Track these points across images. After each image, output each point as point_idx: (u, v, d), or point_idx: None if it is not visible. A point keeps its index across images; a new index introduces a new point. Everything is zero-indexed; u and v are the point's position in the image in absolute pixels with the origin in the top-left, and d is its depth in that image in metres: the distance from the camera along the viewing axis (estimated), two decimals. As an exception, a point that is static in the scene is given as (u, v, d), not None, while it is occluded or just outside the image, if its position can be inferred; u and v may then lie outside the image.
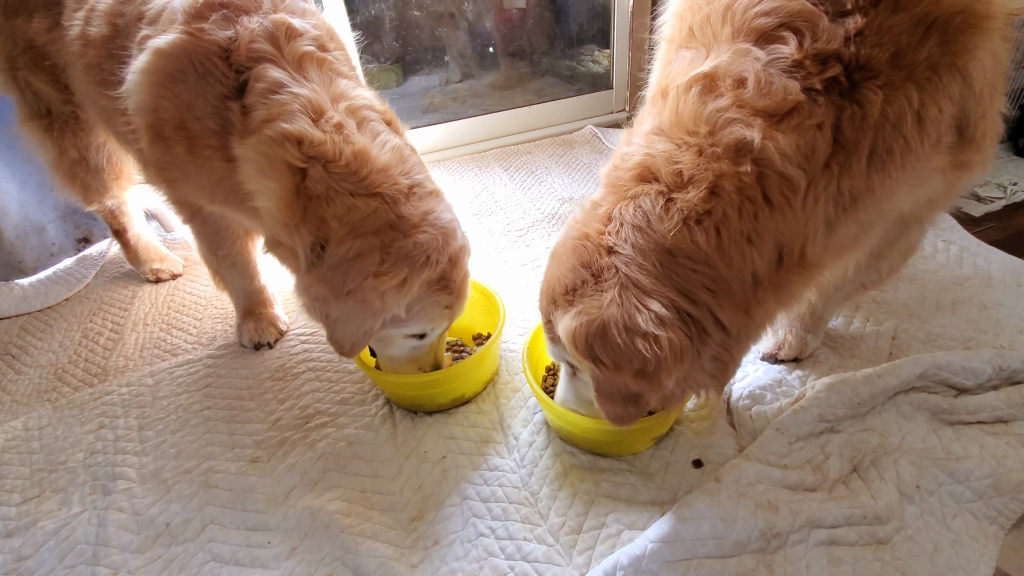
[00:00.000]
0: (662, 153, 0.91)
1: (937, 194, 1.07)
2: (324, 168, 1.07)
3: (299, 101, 1.11)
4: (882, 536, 1.05)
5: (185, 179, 1.29)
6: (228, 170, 1.18)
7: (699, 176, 0.87)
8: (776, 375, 1.40)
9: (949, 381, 1.28)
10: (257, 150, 1.10)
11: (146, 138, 1.23)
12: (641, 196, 0.91)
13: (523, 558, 1.10)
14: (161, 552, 1.18)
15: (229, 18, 1.16)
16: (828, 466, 1.17)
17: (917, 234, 1.24)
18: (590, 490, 1.20)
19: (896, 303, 1.59)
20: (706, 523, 1.05)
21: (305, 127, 1.08)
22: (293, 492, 1.26)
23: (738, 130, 0.85)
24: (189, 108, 1.16)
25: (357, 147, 1.09)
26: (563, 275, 0.97)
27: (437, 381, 1.34)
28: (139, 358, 1.70)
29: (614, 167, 0.99)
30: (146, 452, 1.39)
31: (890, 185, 0.91)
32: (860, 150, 0.87)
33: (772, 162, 0.86)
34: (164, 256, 2.06)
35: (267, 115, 1.10)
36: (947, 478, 1.12)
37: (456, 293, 1.22)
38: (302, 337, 1.70)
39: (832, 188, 0.89)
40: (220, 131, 1.16)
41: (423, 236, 1.09)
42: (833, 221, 0.91)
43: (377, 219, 1.07)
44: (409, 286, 1.10)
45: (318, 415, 1.44)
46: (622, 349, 0.88)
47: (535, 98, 2.89)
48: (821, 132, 0.86)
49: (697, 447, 1.25)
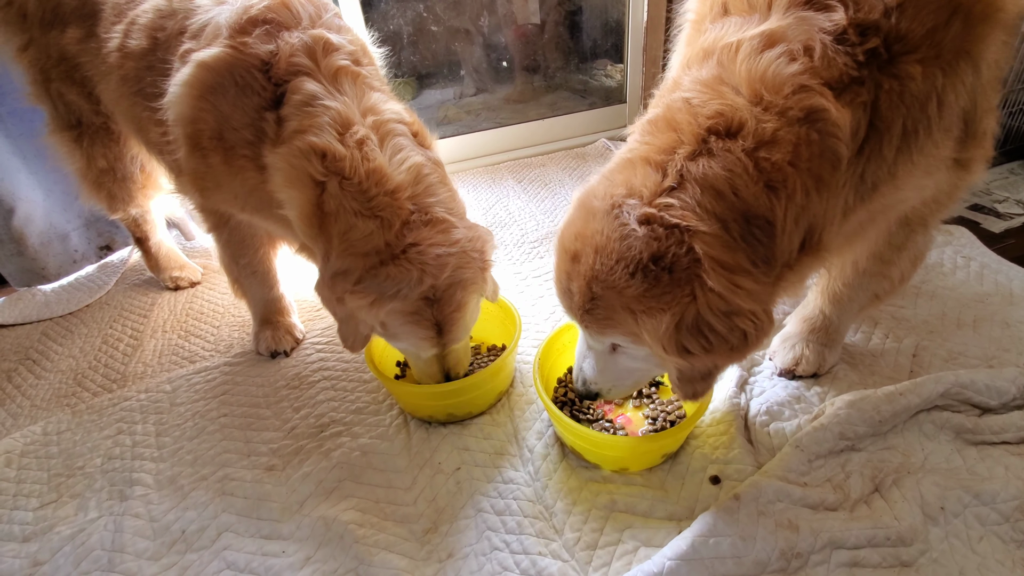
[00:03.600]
0: (746, 106, 0.82)
1: (940, 192, 1.07)
2: (339, 185, 1.10)
3: (329, 114, 1.13)
4: (906, 559, 1.03)
5: (218, 188, 1.31)
6: (260, 180, 1.21)
7: (783, 139, 0.80)
8: (794, 391, 1.38)
9: (973, 400, 1.25)
10: (286, 160, 1.13)
11: (184, 148, 1.26)
12: (721, 152, 0.81)
13: (538, 573, 1.08)
14: (176, 559, 1.18)
15: (271, 33, 1.18)
16: (849, 485, 1.14)
17: (924, 239, 1.22)
18: (606, 505, 1.18)
19: (916, 319, 1.56)
20: (725, 541, 1.02)
21: (330, 141, 1.11)
22: (308, 501, 1.26)
23: (813, 98, 0.80)
24: (227, 119, 1.19)
25: (373, 165, 1.11)
26: (615, 264, 0.84)
27: (449, 392, 1.33)
28: (158, 364, 1.71)
29: (671, 109, 0.88)
30: (163, 458, 1.40)
31: (908, 171, 0.89)
32: (893, 131, 0.84)
33: (833, 136, 0.82)
34: (184, 264, 2.08)
35: (298, 126, 1.13)
36: (972, 499, 1.09)
37: (439, 328, 1.18)
38: (318, 346, 1.70)
39: (857, 174, 0.86)
40: (255, 141, 1.18)
41: (397, 269, 1.09)
42: (849, 208, 0.89)
43: (368, 242, 1.10)
44: (377, 309, 1.12)
45: (333, 424, 1.43)
46: (721, 335, 0.83)
47: (549, 112, 2.91)
48: (864, 112, 0.84)
49: (715, 463, 1.23)
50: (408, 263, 1.10)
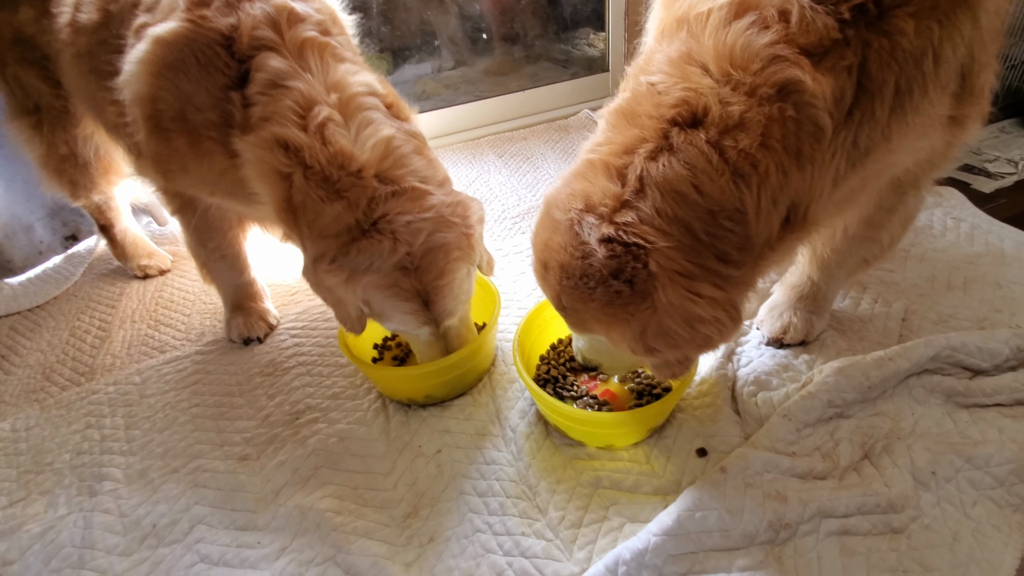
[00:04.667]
0: (710, 89, 0.78)
1: (935, 152, 1.02)
2: (304, 176, 1.07)
3: (292, 97, 1.08)
4: (897, 525, 1.00)
5: (184, 172, 1.25)
6: (230, 164, 1.16)
7: (751, 121, 0.77)
8: (782, 360, 1.34)
9: (964, 363, 1.22)
10: (254, 153, 1.09)
11: (144, 130, 1.19)
12: (683, 146, 0.78)
13: (521, 554, 1.05)
14: (148, 554, 1.14)
15: (231, 4, 1.12)
16: (838, 453, 1.11)
17: (915, 200, 1.18)
18: (590, 482, 1.15)
19: (905, 283, 1.53)
20: (712, 515, 1.00)
21: (291, 131, 1.07)
22: (283, 490, 1.22)
23: (787, 69, 0.76)
24: (189, 99, 1.13)
25: (334, 149, 1.06)
26: (579, 281, 0.85)
27: (427, 374, 1.28)
28: (126, 356, 1.66)
29: (636, 98, 0.85)
30: (133, 452, 1.35)
31: (904, 132, 0.84)
32: (885, 91, 0.79)
33: (812, 107, 0.77)
34: (152, 252, 2.01)
35: (263, 113, 1.09)
36: (965, 464, 1.07)
37: (425, 300, 1.13)
38: (292, 331, 1.65)
39: (849, 141, 0.81)
40: (221, 123, 1.13)
41: (368, 242, 1.06)
42: (841, 177, 0.84)
43: (338, 223, 1.07)
44: (354, 285, 1.09)
45: (309, 410, 1.39)
46: (685, 338, 0.84)
47: (529, 83, 2.82)
48: (850, 76, 0.79)
49: (700, 435, 1.20)
50: (379, 234, 1.06)
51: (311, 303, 1.74)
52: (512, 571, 1.03)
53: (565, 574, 1.01)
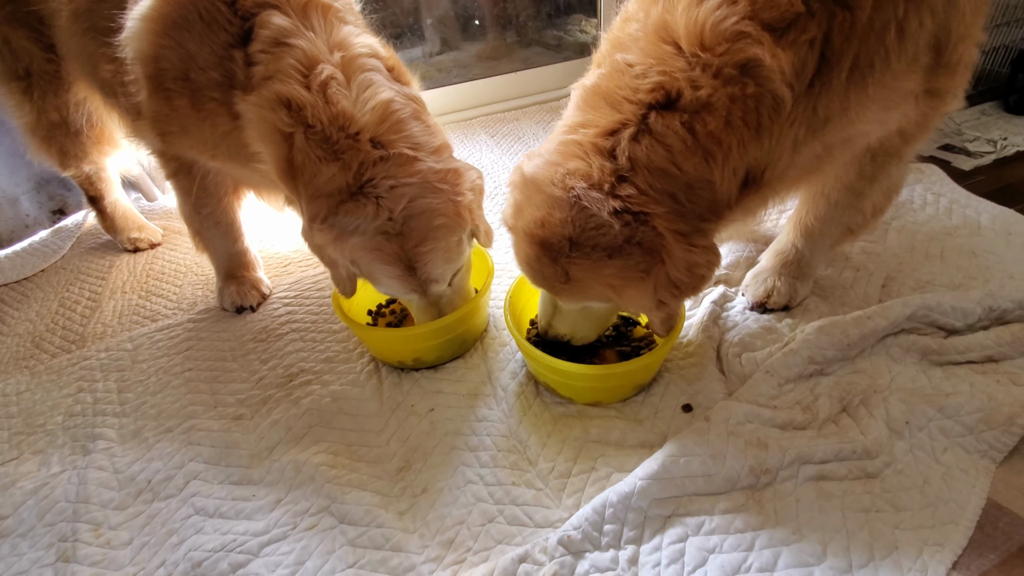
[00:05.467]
0: (682, 72, 0.87)
1: (908, 123, 1.07)
2: (305, 135, 1.08)
3: (294, 55, 1.10)
4: (871, 471, 1.05)
5: (184, 133, 1.26)
6: (233, 126, 1.17)
7: (717, 102, 0.86)
8: (766, 323, 1.39)
9: (939, 322, 1.28)
10: (256, 112, 1.10)
11: (146, 89, 1.20)
12: (662, 129, 0.87)
13: (512, 501, 1.09)
14: (143, 508, 1.16)
15: None
16: (818, 407, 1.16)
17: (898, 170, 1.24)
18: (579, 436, 1.19)
19: (886, 253, 1.59)
20: (696, 460, 1.04)
21: (294, 88, 1.08)
22: (277, 447, 1.25)
23: (749, 48, 0.83)
24: (193, 58, 1.13)
25: (337, 109, 1.08)
26: (592, 251, 0.93)
27: (418, 336, 1.31)
28: (118, 324, 1.67)
29: (613, 77, 0.92)
30: (126, 413, 1.37)
31: (864, 103, 0.91)
32: (843, 63, 0.85)
33: (771, 82, 0.84)
34: (142, 225, 2.02)
35: (266, 71, 1.10)
36: (937, 413, 1.12)
37: (409, 266, 1.15)
38: (285, 300, 1.67)
39: (809, 109, 0.88)
40: (224, 83, 1.14)
41: (354, 204, 1.09)
42: (800, 143, 0.91)
43: (331, 184, 1.09)
44: (341, 245, 1.12)
45: (302, 373, 1.42)
46: (688, 283, 0.96)
47: (522, 66, 2.85)
48: (812, 48, 0.84)
49: (686, 392, 1.25)
50: (364, 197, 1.09)
51: (304, 273, 1.76)
52: (503, 517, 1.07)
53: (554, 519, 1.05)
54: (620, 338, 1.39)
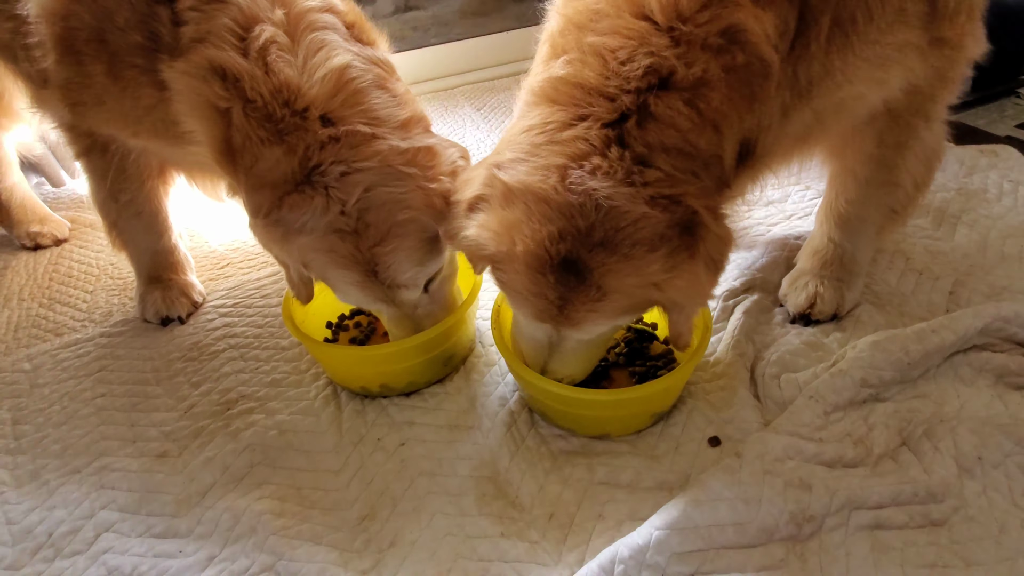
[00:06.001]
0: (670, 50, 0.94)
1: (918, 78, 1.16)
2: (243, 111, 1.09)
3: (229, 13, 1.10)
4: (937, 517, 1.07)
5: (99, 105, 1.27)
6: (159, 97, 1.17)
7: (714, 75, 0.95)
8: (810, 338, 1.41)
9: (1017, 336, 1.30)
10: (184, 82, 1.11)
11: (54, 53, 1.21)
12: (666, 112, 0.95)
13: (500, 558, 1.09)
14: (43, 568, 1.16)
15: None
16: (872, 439, 1.18)
17: (930, 134, 1.29)
18: (583, 477, 1.20)
19: (954, 253, 1.61)
20: (724, 506, 1.05)
21: (228, 55, 1.09)
22: (211, 491, 1.25)
23: (729, 13, 0.92)
24: (109, 15, 1.14)
25: (279, 79, 1.09)
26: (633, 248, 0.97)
27: (384, 357, 1.31)
28: (13, 340, 1.67)
29: (592, 67, 0.98)
30: (22, 450, 1.37)
31: (851, 63, 1.00)
32: (822, 21, 0.95)
33: (758, 47, 0.94)
34: (45, 216, 2.02)
35: (196, 32, 1.10)
36: (1015, 447, 1.14)
37: (372, 269, 1.15)
38: (221, 310, 1.67)
39: (791, 72, 0.99)
40: (147, 47, 1.15)
41: (300, 197, 1.09)
42: (789, 109, 1.00)
43: (276, 171, 1.10)
44: (288, 245, 1.14)
45: (242, 399, 1.42)
46: (721, 258, 1.04)
47: (515, 24, 2.88)
48: (792, 5, 0.95)
49: (714, 422, 1.26)
50: (311, 188, 1.09)
51: (245, 276, 1.77)
52: (489, 577, 1.07)
53: (552, 578, 1.06)
54: (633, 356, 1.40)
